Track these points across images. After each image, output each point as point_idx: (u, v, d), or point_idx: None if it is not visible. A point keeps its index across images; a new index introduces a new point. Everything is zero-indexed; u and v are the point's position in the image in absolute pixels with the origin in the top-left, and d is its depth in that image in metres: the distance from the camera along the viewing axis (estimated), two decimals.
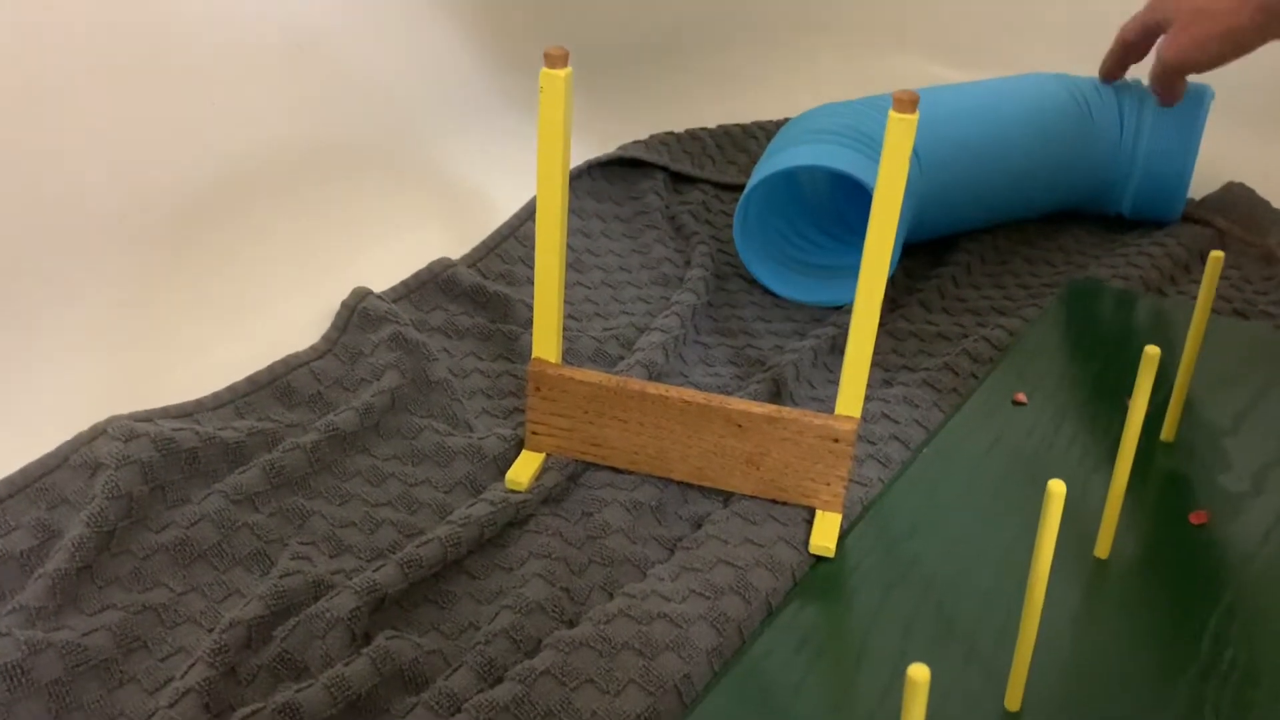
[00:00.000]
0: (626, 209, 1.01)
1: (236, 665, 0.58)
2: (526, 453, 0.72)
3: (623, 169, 1.05)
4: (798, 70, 1.27)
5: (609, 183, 1.04)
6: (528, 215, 0.96)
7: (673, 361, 0.82)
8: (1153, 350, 0.59)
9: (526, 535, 0.67)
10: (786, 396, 0.79)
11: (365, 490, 0.70)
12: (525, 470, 0.70)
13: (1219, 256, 0.70)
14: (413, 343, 0.78)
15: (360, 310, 0.81)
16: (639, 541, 0.67)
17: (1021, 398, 0.79)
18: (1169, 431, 0.75)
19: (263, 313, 0.83)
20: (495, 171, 1.00)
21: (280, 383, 0.76)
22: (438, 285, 0.87)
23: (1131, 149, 0.97)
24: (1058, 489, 0.49)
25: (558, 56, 0.62)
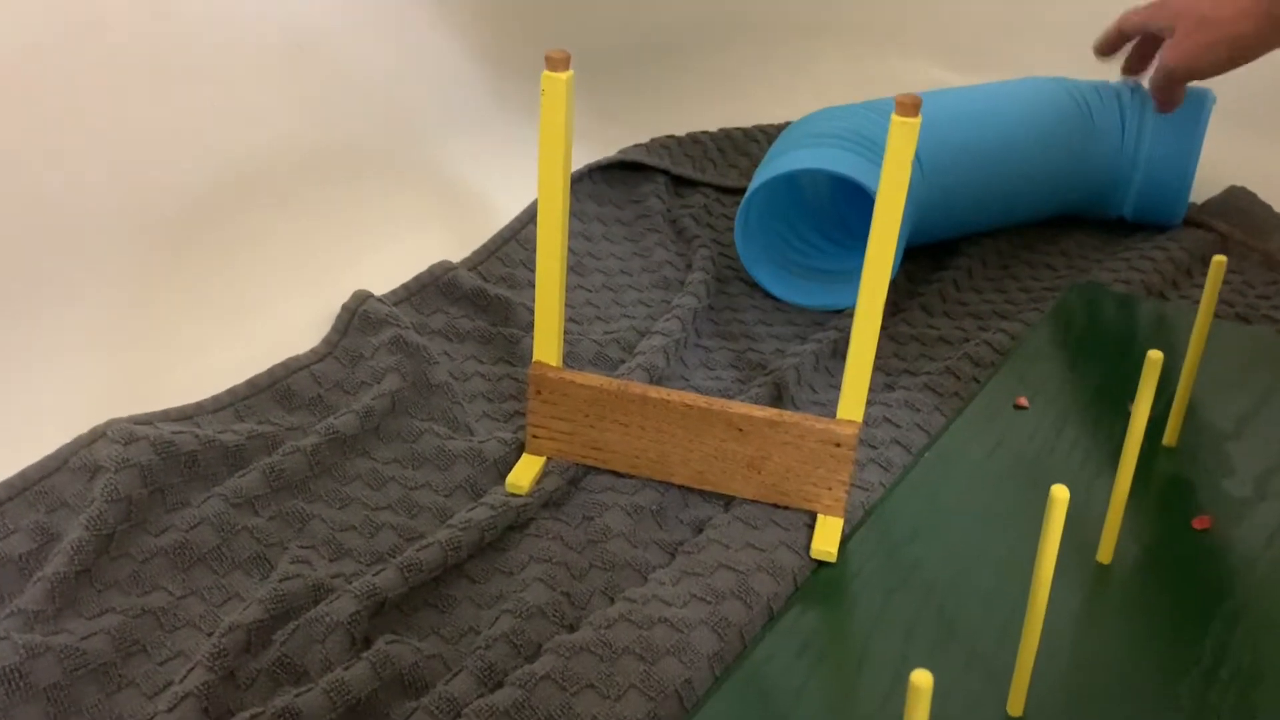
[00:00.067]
0: (628, 212, 1.01)
1: (236, 669, 0.58)
2: (527, 456, 0.72)
3: (624, 172, 1.05)
4: (799, 74, 1.27)
5: (610, 186, 1.03)
6: (529, 218, 0.96)
7: (674, 365, 0.82)
8: (1155, 355, 0.59)
9: (527, 539, 0.67)
10: (788, 400, 0.79)
11: (365, 494, 0.70)
12: (526, 474, 0.70)
13: (1222, 261, 0.70)
14: (413, 346, 0.78)
15: (361, 313, 0.81)
16: (640, 546, 0.67)
17: (1023, 402, 0.79)
18: (1171, 436, 0.75)
19: (263, 315, 0.83)
20: (496, 174, 1.00)
21: (280, 386, 0.76)
22: (439, 288, 0.86)
23: (1133, 153, 0.97)
24: (1061, 495, 0.49)
25: (559, 60, 0.62)
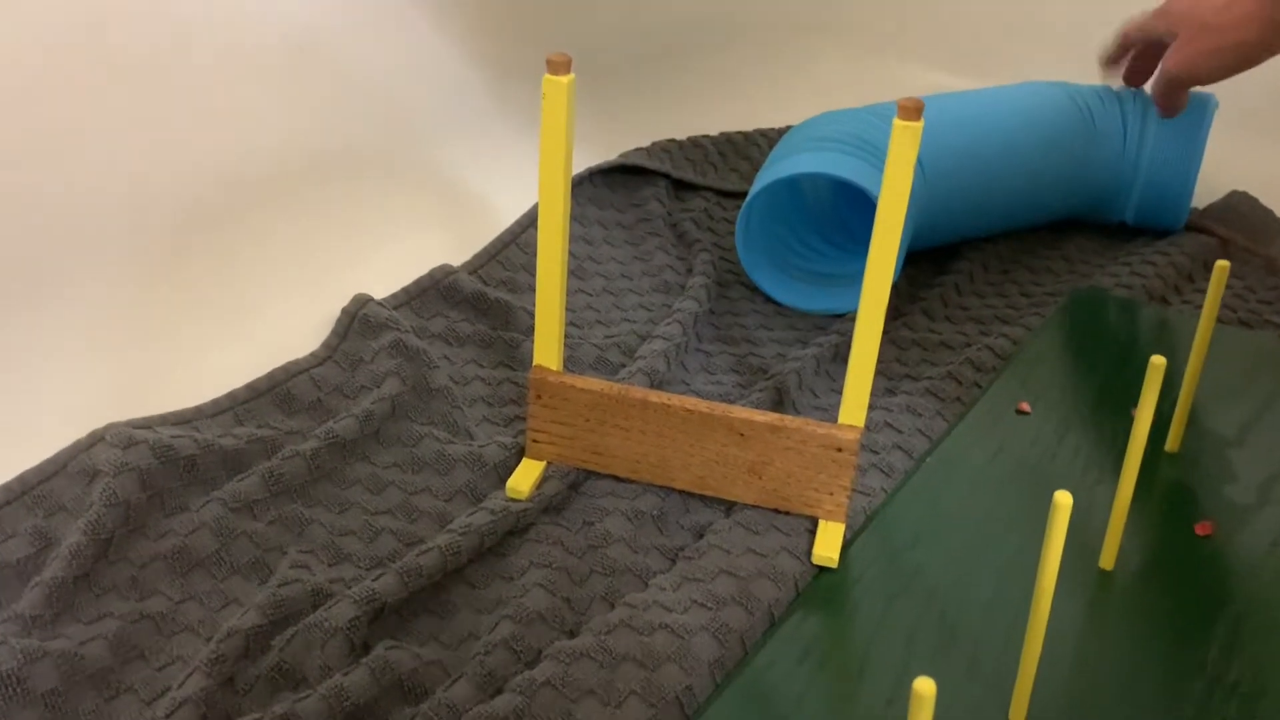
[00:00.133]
0: (628, 216, 1.01)
1: (234, 675, 0.57)
2: (527, 461, 0.72)
3: (625, 176, 1.05)
4: (800, 77, 1.27)
5: (611, 190, 1.03)
6: (529, 222, 0.96)
7: (674, 369, 0.81)
8: (1159, 360, 0.58)
9: (527, 544, 0.67)
10: (789, 405, 0.79)
11: (365, 498, 0.70)
12: (526, 478, 0.70)
13: (1225, 266, 0.69)
14: (413, 350, 0.78)
15: (361, 317, 0.81)
16: (640, 551, 0.67)
17: (1025, 407, 0.78)
18: (1174, 442, 0.75)
19: (262, 319, 0.83)
20: (497, 178, 1.00)
21: (280, 389, 0.76)
22: (439, 292, 0.86)
23: (1135, 157, 0.97)
24: (1064, 501, 0.49)
25: (560, 63, 0.62)
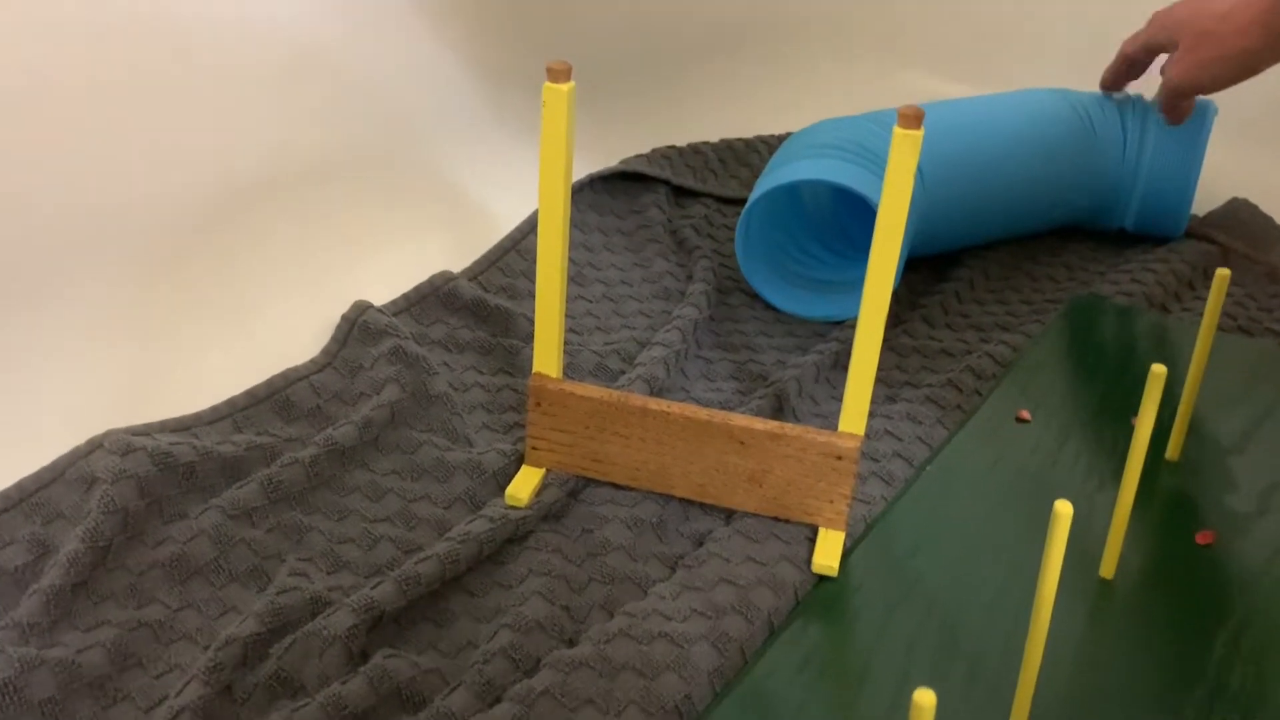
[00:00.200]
0: (628, 223, 1.01)
1: (232, 683, 0.57)
2: (527, 468, 0.72)
3: (625, 183, 1.05)
4: (800, 85, 1.27)
5: (611, 196, 1.03)
6: (529, 229, 0.96)
7: (674, 376, 0.81)
8: (1159, 369, 0.58)
9: (526, 552, 0.67)
10: (789, 412, 0.78)
11: (364, 506, 0.69)
12: (525, 486, 0.70)
13: (1225, 274, 0.69)
14: (413, 356, 0.78)
15: (360, 323, 0.81)
16: (640, 559, 0.67)
17: (1025, 415, 0.78)
18: (1174, 450, 0.74)
19: (262, 325, 0.82)
20: (497, 185, 1.00)
21: (279, 396, 0.76)
22: (438, 298, 0.86)
23: (1134, 164, 0.97)
24: (1065, 510, 0.49)
25: (560, 71, 0.62)
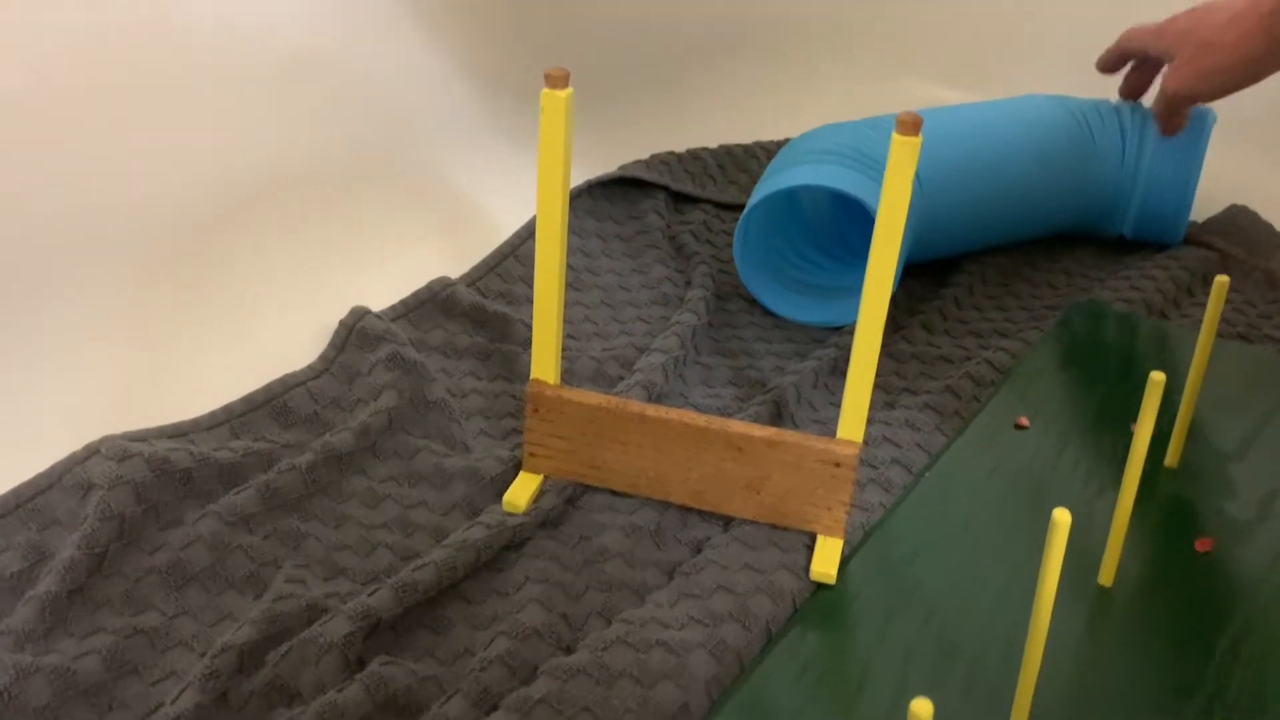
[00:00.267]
0: (627, 228, 1.01)
1: (228, 690, 0.57)
2: (524, 474, 0.71)
3: (623, 188, 1.05)
4: (799, 90, 1.27)
5: (609, 202, 1.03)
6: (527, 234, 0.96)
7: (673, 382, 0.81)
8: (1158, 376, 0.58)
9: (523, 559, 0.66)
10: (787, 418, 0.78)
11: (361, 512, 0.69)
12: (523, 492, 0.70)
13: (1224, 281, 0.69)
14: (410, 362, 0.78)
15: (358, 329, 0.81)
16: (637, 566, 0.67)
17: (1024, 421, 0.78)
18: (1173, 457, 0.74)
19: (260, 330, 0.82)
20: (495, 190, 0.99)
21: (276, 402, 0.75)
22: (436, 304, 0.86)
23: (1133, 171, 0.97)
24: (1063, 519, 0.49)
25: (558, 77, 0.62)
